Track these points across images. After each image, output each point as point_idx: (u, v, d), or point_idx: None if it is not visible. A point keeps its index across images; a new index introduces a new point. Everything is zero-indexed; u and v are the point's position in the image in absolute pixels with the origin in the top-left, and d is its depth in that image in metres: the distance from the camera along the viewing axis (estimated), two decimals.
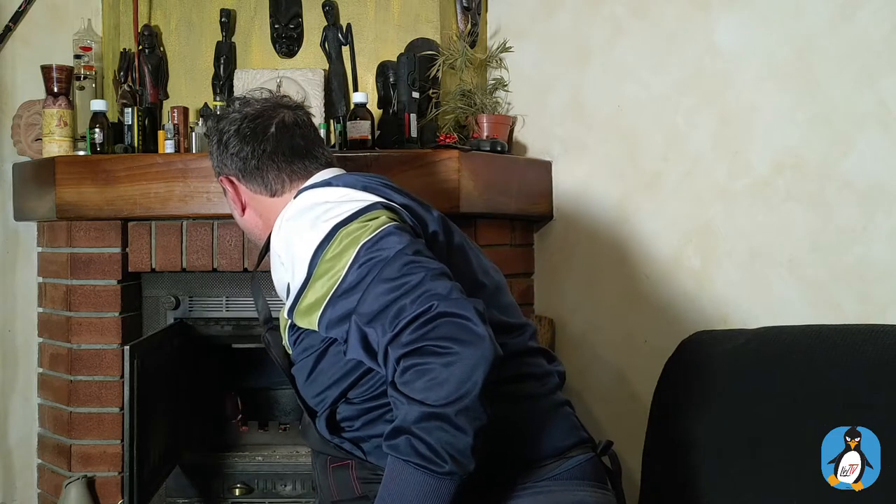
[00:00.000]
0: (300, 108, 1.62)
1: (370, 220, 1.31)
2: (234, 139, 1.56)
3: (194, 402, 2.39)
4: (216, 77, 2.41)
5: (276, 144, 1.55)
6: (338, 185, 1.44)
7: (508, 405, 1.33)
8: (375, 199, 1.38)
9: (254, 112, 1.58)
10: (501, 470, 1.33)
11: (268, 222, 1.56)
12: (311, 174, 1.55)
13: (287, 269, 1.36)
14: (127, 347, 1.93)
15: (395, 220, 1.34)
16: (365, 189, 1.42)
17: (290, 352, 1.50)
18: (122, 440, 2.11)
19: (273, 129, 1.55)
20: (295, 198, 1.47)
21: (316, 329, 1.33)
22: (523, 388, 1.40)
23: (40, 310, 2.49)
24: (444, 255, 1.39)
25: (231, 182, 1.59)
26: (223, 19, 2.39)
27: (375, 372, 1.33)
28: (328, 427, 1.43)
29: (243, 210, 1.61)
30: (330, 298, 1.27)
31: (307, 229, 1.33)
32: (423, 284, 1.20)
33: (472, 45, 2.46)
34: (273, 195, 1.56)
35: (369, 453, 1.39)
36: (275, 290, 1.47)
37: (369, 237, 1.27)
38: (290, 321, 1.41)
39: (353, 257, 1.26)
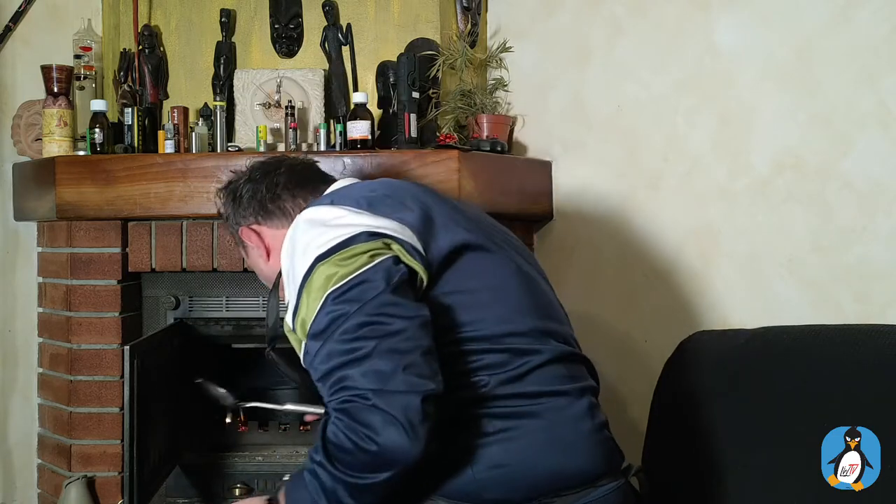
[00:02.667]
0: (307, 159, 1.67)
1: (348, 257, 1.27)
2: (246, 185, 1.58)
3: (194, 402, 2.39)
4: (216, 77, 2.41)
5: (288, 177, 1.57)
6: (339, 204, 1.39)
7: (538, 426, 1.32)
8: (366, 224, 1.32)
9: (260, 164, 1.63)
10: (530, 496, 1.31)
11: None
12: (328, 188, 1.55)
13: (287, 284, 1.36)
14: (127, 347, 1.93)
15: (374, 259, 1.28)
16: (370, 206, 1.37)
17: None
18: (122, 440, 2.12)
19: (283, 168, 1.59)
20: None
21: None
22: (554, 407, 1.35)
23: (40, 310, 2.49)
24: (470, 270, 1.37)
25: (252, 230, 1.57)
26: (223, 19, 2.39)
27: None
28: None
29: (268, 255, 1.57)
30: (307, 335, 1.29)
31: (300, 255, 1.32)
32: (370, 358, 1.20)
33: (472, 45, 2.46)
34: None
35: None
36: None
37: (337, 286, 1.25)
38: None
39: (320, 304, 1.25)
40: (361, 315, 1.23)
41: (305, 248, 1.31)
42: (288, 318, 1.34)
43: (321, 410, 1.63)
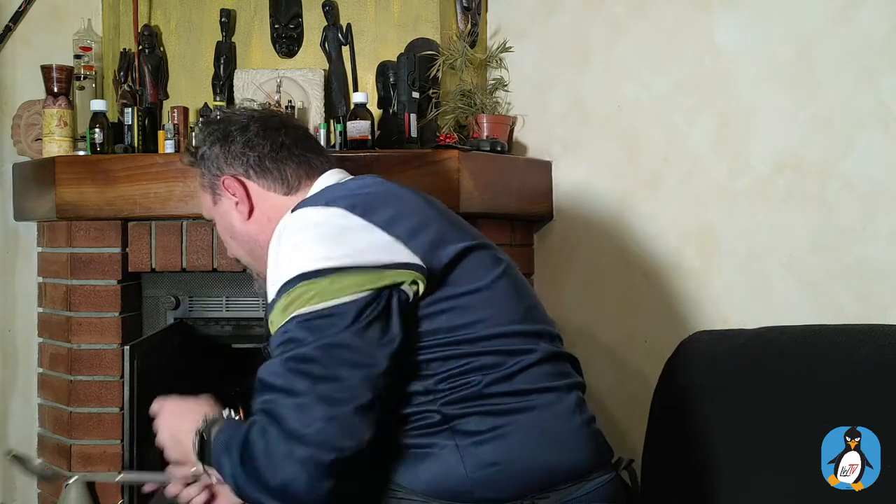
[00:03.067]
0: (305, 126, 1.64)
1: (329, 284, 1.23)
2: (243, 134, 1.50)
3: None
4: (216, 77, 2.41)
5: (294, 140, 1.51)
6: (335, 205, 1.33)
7: (529, 422, 1.31)
8: (361, 248, 1.27)
9: (260, 115, 1.55)
10: (524, 492, 1.31)
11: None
12: (323, 169, 1.51)
13: (270, 275, 1.33)
14: (127, 347, 1.93)
15: (354, 294, 1.23)
16: (364, 213, 1.32)
17: None
18: (122, 440, 2.12)
19: (287, 130, 1.53)
20: (293, 211, 1.39)
21: None
22: (544, 403, 1.35)
23: (40, 310, 2.49)
24: (466, 274, 1.35)
25: (239, 182, 1.50)
26: (223, 19, 2.39)
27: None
28: None
29: (250, 213, 1.50)
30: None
31: (284, 261, 1.28)
32: (303, 396, 1.19)
33: (472, 45, 2.46)
34: (288, 192, 1.49)
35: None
36: None
37: (306, 310, 1.22)
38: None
39: (284, 322, 1.24)
40: (313, 349, 1.20)
41: (292, 254, 1.28)
42: (268, 313, 1.32)
43: (160, 479, 1.54)
